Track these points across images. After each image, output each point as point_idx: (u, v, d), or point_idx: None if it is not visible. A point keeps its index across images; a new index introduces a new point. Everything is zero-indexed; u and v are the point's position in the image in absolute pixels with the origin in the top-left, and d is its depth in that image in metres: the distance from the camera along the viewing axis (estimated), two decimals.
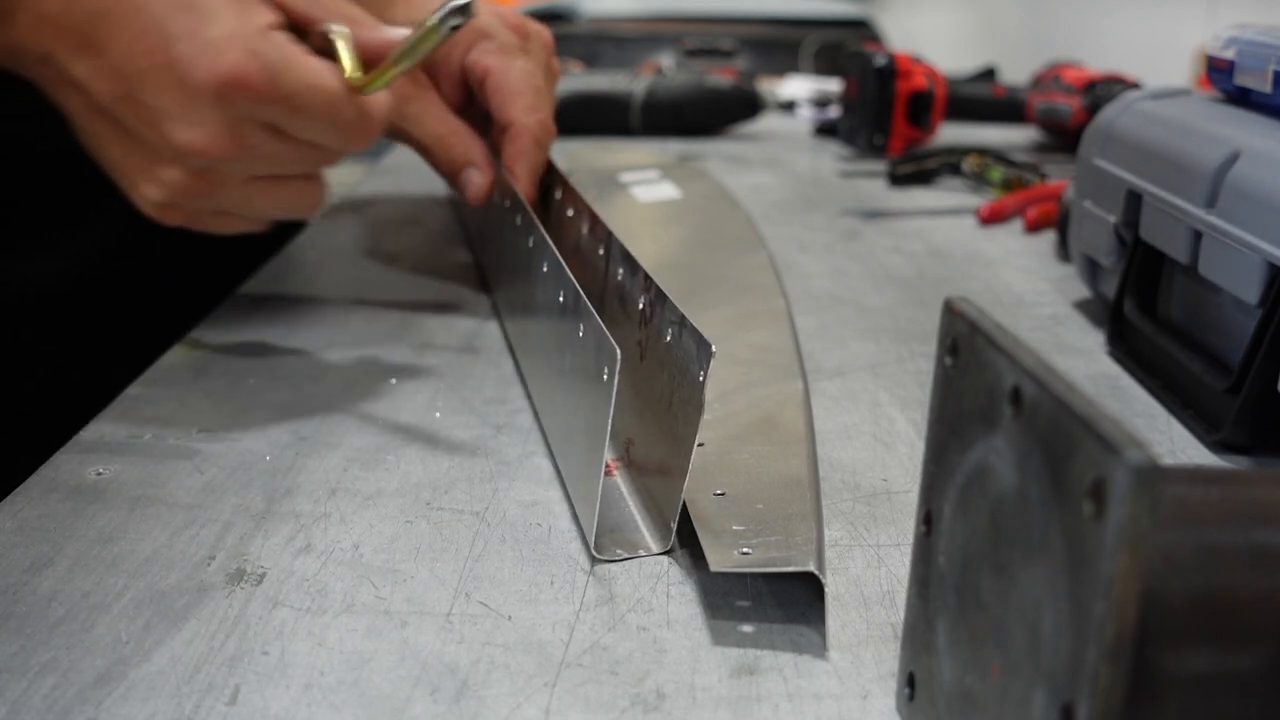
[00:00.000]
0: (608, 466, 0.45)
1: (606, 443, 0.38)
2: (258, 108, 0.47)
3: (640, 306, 0.45)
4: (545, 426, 0.48)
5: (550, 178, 0.64)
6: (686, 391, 0.39)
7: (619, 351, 0.37)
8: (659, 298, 0.42)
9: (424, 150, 0.64)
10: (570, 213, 0.59)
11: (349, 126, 0.50)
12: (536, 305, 0.51)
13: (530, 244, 0.53)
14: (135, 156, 0.49)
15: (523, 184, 0.62)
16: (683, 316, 0.39)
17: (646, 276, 0.44)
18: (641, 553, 0.39)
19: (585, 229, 0.55)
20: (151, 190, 0.49)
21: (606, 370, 0.38)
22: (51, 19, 0.46)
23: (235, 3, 0.47)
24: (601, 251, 0.52)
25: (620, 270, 0.48)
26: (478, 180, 0.63)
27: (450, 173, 0.64)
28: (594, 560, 0.39)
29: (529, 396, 0.52)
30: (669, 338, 0.41)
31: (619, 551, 0.39)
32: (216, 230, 0.53)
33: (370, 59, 0.51)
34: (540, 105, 0.64)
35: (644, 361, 0.44)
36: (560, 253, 0.47)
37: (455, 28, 0.51)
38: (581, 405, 0.42)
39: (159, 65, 0.46)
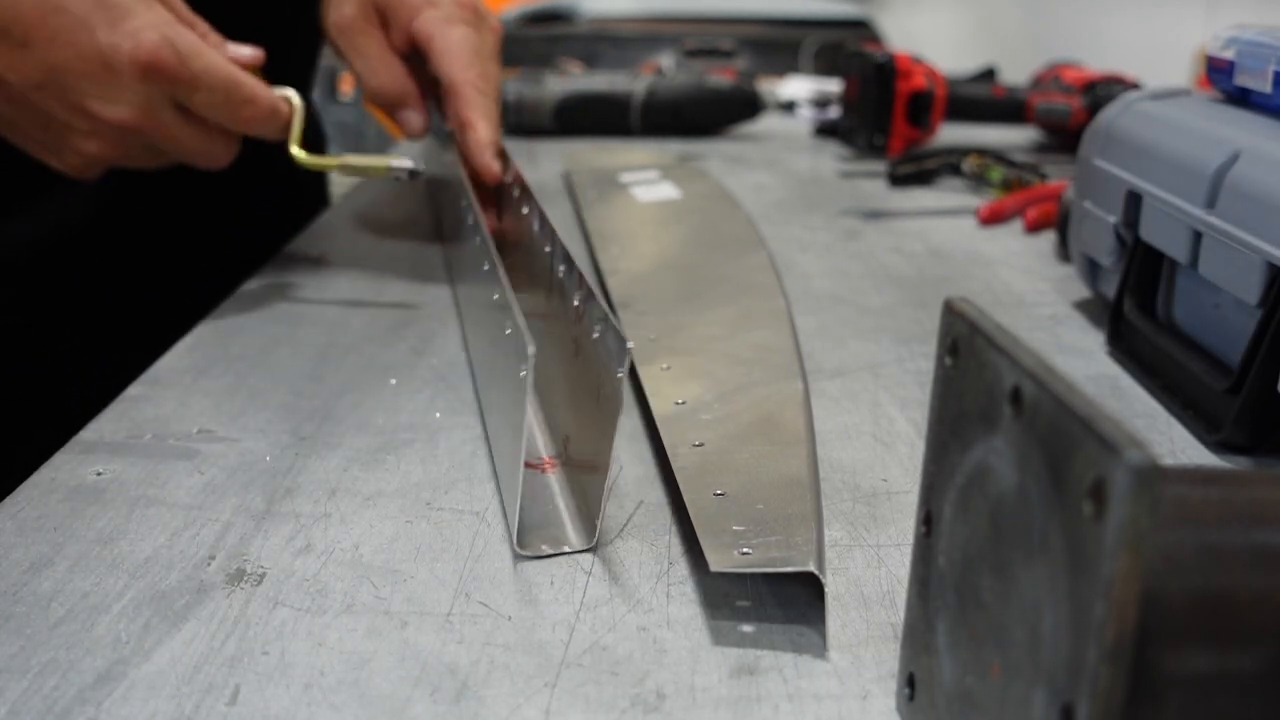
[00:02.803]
0: (544, 463, 0.46)
1: (524, 439, 0.38)
2: (171, 87, 0.55)
3: (575, 304, 0.45)
4: (486, 425, 0.49)
5: (508, 174, 0.66)
6: (609, 388, 0.39)
7: (533, 348, 0.37)
8: (589, 296, 0.43)
9: (364, 80, 0.71)
10: (525, 210, 0.60)
11: (243, 106, 0.58)
12: (478, 303, 0.52)
13: (477, 242, 0.54)
14: (52, 134, 0.56)
15: (479, 131, 0.66)
16: (606, 314, 0.40)
17: (580, 275, 0.45)
18: (565, 549, 0.39)
19: (536, 226, 0.56)
20: (71, 158, 0.57)
21: (523, 368, 0.38)
22: None
23: (146, 4, 0.55)
24: (548, 249, 0.52)
25: (561, 267, 0.49)
26: (414, 119, 0.71)
27: (387, 106, 0.71)
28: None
29: (477, 397, 0.52)
30: (596, 334, 0.41)
31: (543, 548, 0.39)
32: (162, 161, 0.60)
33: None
34: (477, 64, 0.68)
35: (578, 358, 0.45)
36: (514, 251, 0.48)
37: (398, 178, 0.65)
38: (507, 402, 0.42)
39: (83, 55, 0.53)
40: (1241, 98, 0.57)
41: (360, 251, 0.75)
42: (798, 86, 1.47)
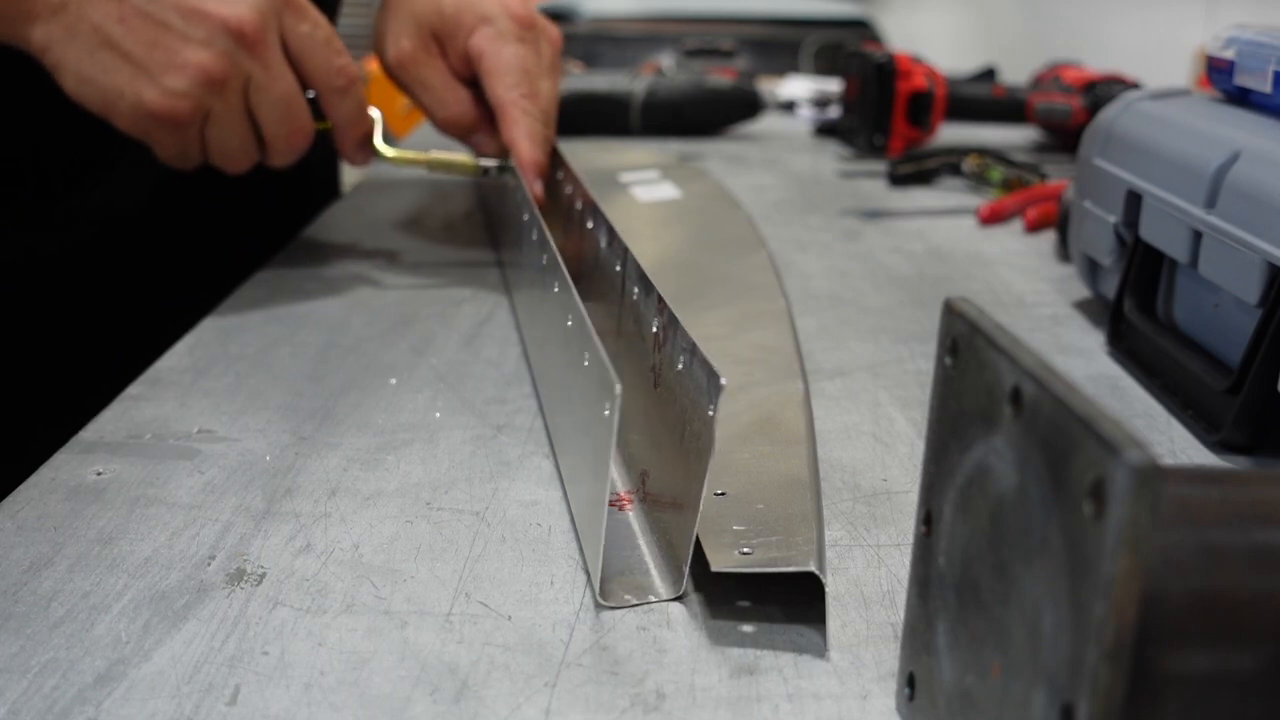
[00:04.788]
0: (621, 500, 0.43)
1: (608, 482, 0.36)
2: (282, 3, 0.58)
3: (654, 330, 0.43)
4: (557, 454, 0.47)
5: (572, 187, 0.64)
6: (698, 425, 0.36)
7: (619, 387, 0.34)
8: (671, 322, 0.40)
9: (432, 113, 0.70)
10: (590, 224, 0.58)
11: (333, 55, 0.61)
12: (548, 326, 0.49)
13: (544, 261, 0.51)
14: (162, 48, 0.56)
15: (522, 153, 0.66)
16: (694, 344, 0.37)
17: (660, 299, 0.42)
18: (651, 598, 0.37)
19: (604, 242, 0.54)
20: (174, 78, 0.56)
21: (607, 406, 0.35)
22: None
23: None
24: (618, 268, 0.50)
25: (635, 289, 0.46)
26: (486, 144, 0.71)
27: (458, 135, 0.71)
28: (599, 606, 0.36)
29: (544, 420, 0.50)
30: (680, 366, 0.39)
31: (627, 597, 0.37)
32: (195, 151, 0.60)
33: None
34: (525, 83, 0.68)
35: (657, 389, 0.42)
36: (579, 265, 0.46)
37: (485, 172, 0.69)
38: (586, 439, 0.39)
39: None
40: (1241, 98, 0.57)
41: (364, 249, 0.76)
42: (798, 86, 1.47)
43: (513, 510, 0.42)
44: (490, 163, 0.69)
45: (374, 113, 0.66)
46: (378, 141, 0.67)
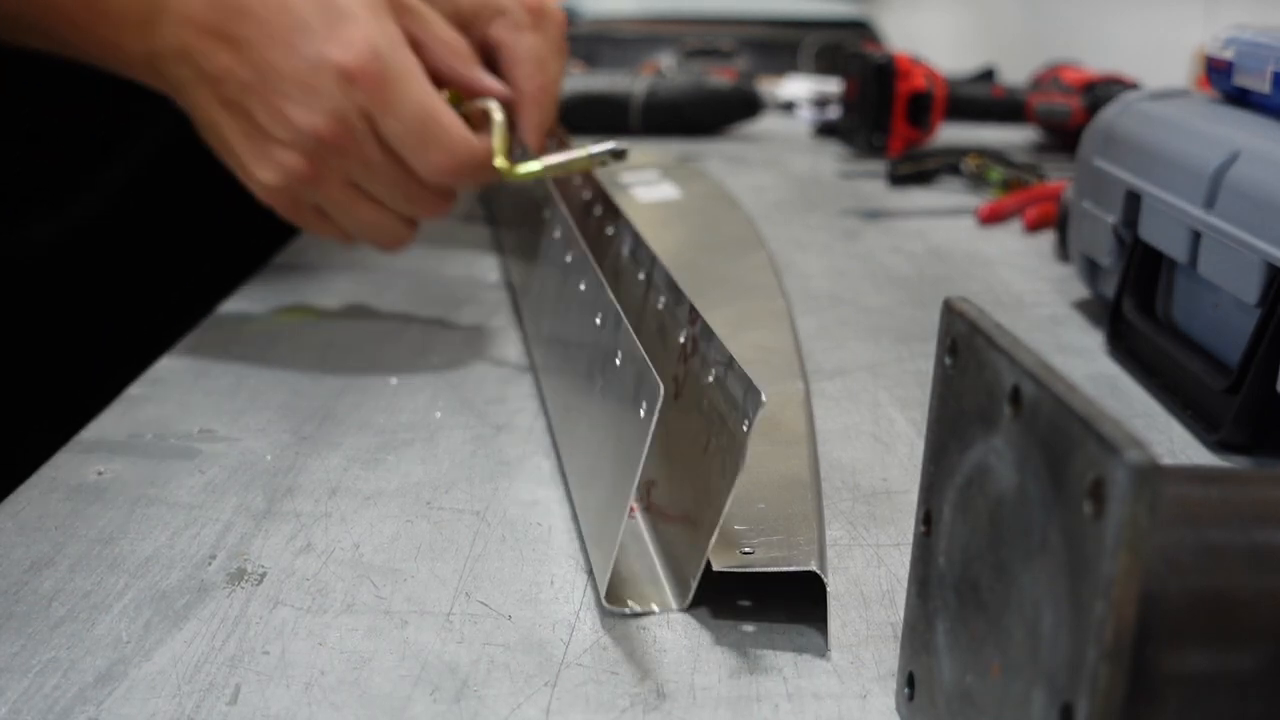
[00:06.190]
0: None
1: (635, 484, 0.35)
2: (366, 101, 0.52)
3: (681, 340, 0.42)
4: (562, 454, 0.46)
5: (591, 192, 0.64)
6: (725, 440, 0.36)
7: (662, 387, 0.34)
8: (705, 333, 0.40)
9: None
10: (610, 231, 0.57)
11: (437, 147, 0.54)
12: (569, 324, 0.49)
13: (568, 259, 0.50)
14: (254, 141, 0.54)
15: (531, 144, 0.65)
16: (730, 358, 0.36)
17: (692, 309, 0.41)
18: (655, 608, 0.36)
19: (627, 250, 0.53)
20: (265, 173, 0.54)
21: (645, 406, 0.34)
22: (197, 19, 0.52)
23: (377, 15, 0.53)
24: (642, 276, 0.49)
25: (662, 299, 0.46)
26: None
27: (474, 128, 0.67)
28: (602, 610, 0.36)
29: (546, 416, 0.50)
30: (711, 378, 0.38)
31: (632, 604, 0.36)
32: (313, 229, 0.58)
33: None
34: (540, 74, 0.67)
35: (679, 400, 0.41)
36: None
37: (604, 163, 0.59)
38: (609, 439, 0.39)
39: (295, 56, 0.52)
40: (1241, 98, 0.57)
41: (361, 251, 0.75)
42: (798, 86, 1.47)
43: (513, 510, 0.42)
44: (604, 147, 0.60)
45: (496, 114, 0.59)
46: (497, 160, 0.58)
